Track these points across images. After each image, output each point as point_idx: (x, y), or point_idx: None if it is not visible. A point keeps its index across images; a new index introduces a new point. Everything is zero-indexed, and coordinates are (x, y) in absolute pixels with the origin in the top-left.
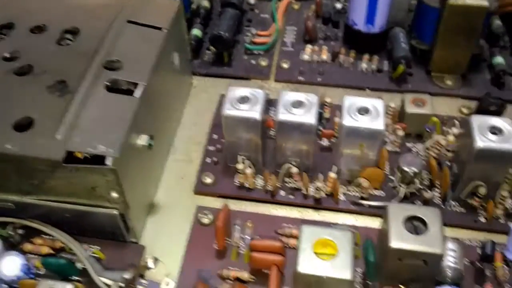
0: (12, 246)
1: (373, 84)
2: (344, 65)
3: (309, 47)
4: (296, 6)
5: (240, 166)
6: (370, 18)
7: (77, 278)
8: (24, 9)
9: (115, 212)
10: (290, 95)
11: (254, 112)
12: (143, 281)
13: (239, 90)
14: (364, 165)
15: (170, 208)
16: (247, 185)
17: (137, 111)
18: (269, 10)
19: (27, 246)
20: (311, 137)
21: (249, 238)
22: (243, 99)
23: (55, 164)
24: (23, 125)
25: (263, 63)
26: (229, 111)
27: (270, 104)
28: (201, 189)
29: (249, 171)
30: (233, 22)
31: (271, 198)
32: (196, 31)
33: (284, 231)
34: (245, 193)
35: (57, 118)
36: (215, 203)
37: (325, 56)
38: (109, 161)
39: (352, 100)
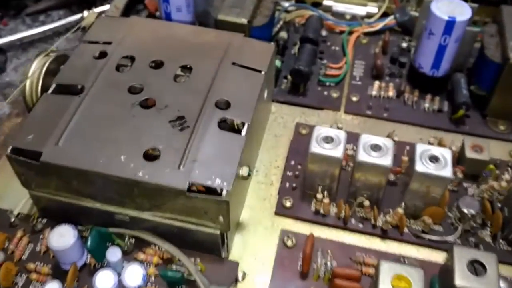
0: (124, 254)
1: (433, 123)
2: (408, 103)
3: (376, 83)
4: (364, 41)
5: (319, 195)
6: (436, 64)
7: None
8: (143, 46)
9: (217, 232)
10: (370, 138)
11: (337, 152)
12: None
13: (324, 130)
14: (428, 202)
15: (254, 226)
16: (322, 212)
17: (243, 148)
18: (340, 43)
19: (140, 255)
20: (385, 176)
21: (329, 264)
22: (327, 139)
23: (179, 192)
24: (151, 155)
25: (335, 94)
26: (315, 149)
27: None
28: (281, 211)
29: (326, 200)
30: (311, 58)
31: (343, 225)
32: (277, 62)
33: (358, 259)
34: (320, 219)
35: (180, 151)
36: (295, 225)
37: (391, 93)
38: (224, 193)
39: (423, 148)
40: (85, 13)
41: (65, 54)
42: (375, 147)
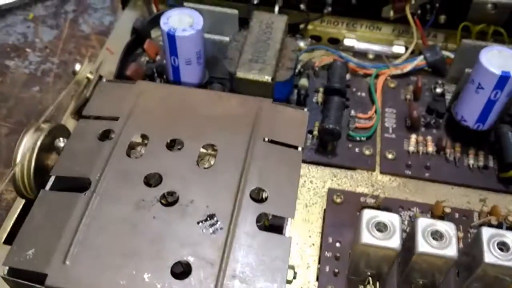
0: None
1: (481, 182)
2: (450, 159)
3: (413, 138)
4: (392, 85)
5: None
6: (482, 119)
7: None
8: (157, 121)
9: None
10: (428, 223)
11: (393, 242)
12: None
13: (374, 215)
14: None
15: None
16: None
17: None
18: (365, 88)
19: None
20: (449, 267)
21: None
22: (379, 225)
23: None
24: (181, 271)
25: (367, 152)
26: (367, 240)
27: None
28: None
29: None
30: (340, 113)
31: None
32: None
33: None
34: None
35: (215, 264)
36: None
37: (430, 148)
38: None
39: (490, 232)
40: (77, 66)
41: (60, 124)
42: (436, 234)
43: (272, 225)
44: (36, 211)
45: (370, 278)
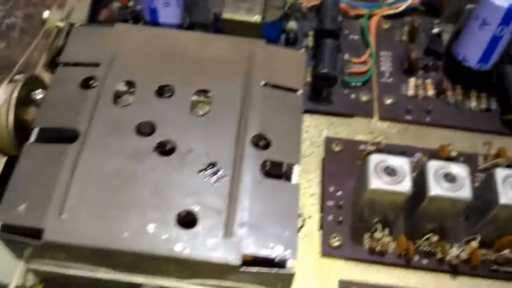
0: None
1: (483, 125)
2: (451, 102)
3: (412, 81)
4: (386, 26)
5: (378, 234)
6: (485, 58)
7: None
8: (142, 66)
9: None
10: (439, 166)
11: (403, 186)
12: None
13: (382, 158)
14: (505, 232)
15: (300, 274)
16: (378, 249)
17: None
18: (358, 30)
19: None
20: (462, 209)
21: None
22: (388, 169)
23: (229, 268)
24: (186, 220)
25: (364, 97)
26: (375, 185)
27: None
28: (329, 252)
29: (387, 239)
30: (335, 57)
31: (406, 263)
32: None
33: None
34: (378, 258)
35: (222, 213)
36: (348, 268)
37: (430, 91)
38: (289, 265)
39: (505, 173)
40: (46, 13)
41: (34, 75)
42: (449, 177)
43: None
44: (23, 164)
45: (379, 225)
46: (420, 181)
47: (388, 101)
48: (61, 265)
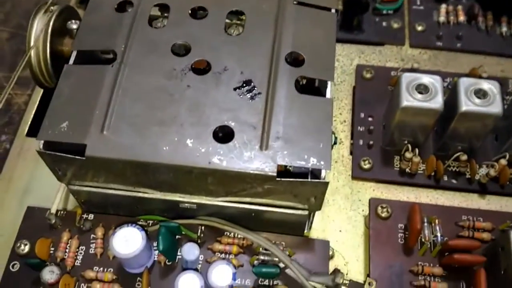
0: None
1: None
2: (482, 28)
3: (443, 7)
4: None
5: (408, 154)
6: None
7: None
8: None
9: (305, 212)
10: (470, 82)
11: (435, 103)
12: (344, 281)
13: (415, 77)
14: None
15: (331, 195)
16: (408, 171)
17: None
18: None
19: (217, 246)
20: (492, 124)
21: (439, 235)
22: (420, 87)
23: (266, 178)
24: (223, 135)
25: (395, 25)
26: (408, 102)
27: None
28: (359, 175)
29: (416, 159)
30: None
31: (435, 183)
32: None
33: (465, 223)
34: (407, 179)
35: (258, 127)
36: (379, 190)
37: (462, 17)
38: (323, 175)
39: None
40: None
41: (69, 6)
42: (480, 93)
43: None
44: (63, 85)
45: (409, 145)
46: (451, 100)
47: (419, 28)
48: (102, 186)
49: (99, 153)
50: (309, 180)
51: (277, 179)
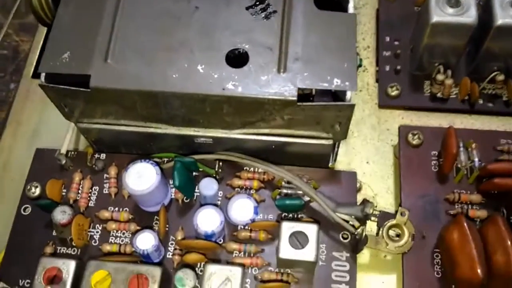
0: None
1: None
2: None
3: None
4: None
5: (440, 76)
6: None
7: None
8: None
9: (330, 142)
10: None
11: (468, 17)
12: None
13: None
14: None
15: (357, 126)
16: (440, 96)
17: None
18: None
19: (236, 182)
20: None
21: (476, 160)
22: (451, 1)
23: (286, 104)
24: (237, 59)
25: None
26: (438, 17)
27: None
28: (386, 103)
29: (449, 81)
30: None
31: (470, 108)
32: None
33: (505, 148)
34: (438, 104)
35: (274, 48)
36: (409, 117)
37: None
38: (348, 96)
39: None
40: None
41: None
42: None
43: None
44: (63, 13)
45: (441, 67)
46: (485, 14)
47: None
48: (112, 122)
49: (104, 83)
50: (333, 103)
51: (298, 104)
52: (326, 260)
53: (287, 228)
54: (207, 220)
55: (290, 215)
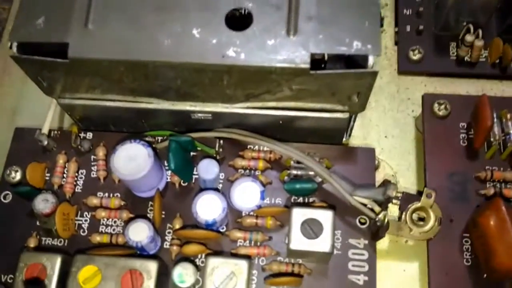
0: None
1: None
2: None
3: None
4: None
5: (469, 37)
6: None
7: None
8: None
9: (346, 115)
10: None
11: None
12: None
13: None
14: None
15: (373, 95)
16: (468, 59)
17: None
18: None
19: (239, 162)
20: None
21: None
22: None
23: (297, 72)
24: (238, 20)
25: None
26: None
27: None
28: (407, 68)
29: (479, 42)
30: None
31: (500, 72)
32: None
33: None
34: (466, 69)
35: (282, 7)
36: (432, 84)
37: None
38: (370, 62)
39: None
40: None
41: None
42: None
43: None
44: None
45: (470, 26)
46: None
47: None
48: (97, 97)
49: (85, 53)
50: (353, 70)
51: (311, 72)
52: (341, 248)
53: (299, 215)
54: (208, 208)
55: (300, 199)
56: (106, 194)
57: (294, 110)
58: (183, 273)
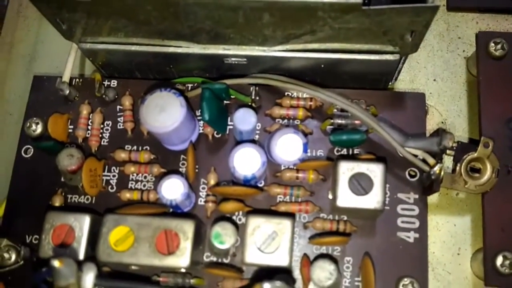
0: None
1: None
2: None
3: None
4: None
5: None
6: None
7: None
8: None
9: (396, 57)
10: None
11: None
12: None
13: None
14: None
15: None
16: None
17: None
18: None
19: (277, 111)
20: None
21: None
22: None
23: (347, 8)
24: None
25: None
26: None
27: None
28: (457, 4)
29: None
30: None
31: None
32: None
33: None
34: None
35: None
36: (484, 21)
37: None
38: None
39: None
40: None
41: None
42: None
43: None
44: None
45: None
46: None
47: None
48: (121, 41)
49: None
50: (411, 5)
51: (363, 7)
52: (390, 203)
53: (346, 169)
54: (247, 162)
55: (344, 150)
56: (135, 147)
57: (338, 53)
58: (222, 234)
